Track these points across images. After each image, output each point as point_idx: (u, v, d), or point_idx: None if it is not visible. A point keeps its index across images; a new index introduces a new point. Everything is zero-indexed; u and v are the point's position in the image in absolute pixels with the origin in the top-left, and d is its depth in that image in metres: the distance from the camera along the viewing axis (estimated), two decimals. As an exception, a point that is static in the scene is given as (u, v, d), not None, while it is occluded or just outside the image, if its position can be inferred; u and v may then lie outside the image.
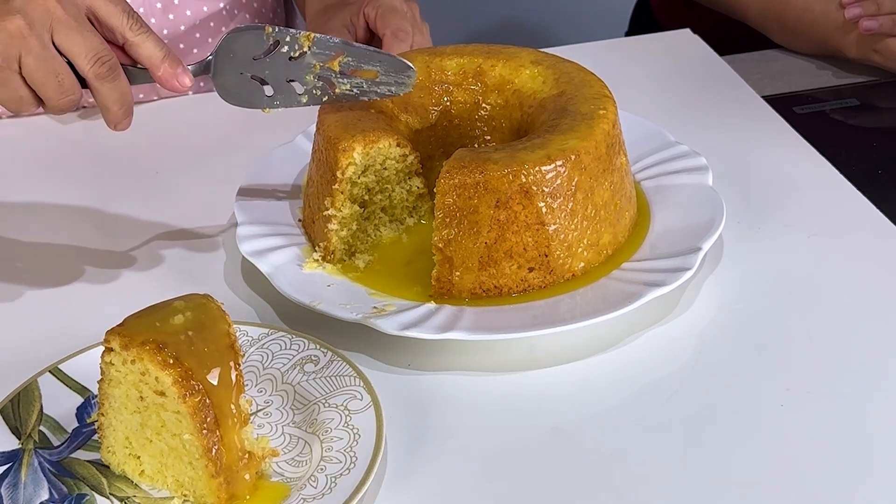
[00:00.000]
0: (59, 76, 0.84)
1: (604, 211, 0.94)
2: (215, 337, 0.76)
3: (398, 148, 0.96)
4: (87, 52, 0.84)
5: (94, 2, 0.86)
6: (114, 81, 0.86)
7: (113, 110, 0.87)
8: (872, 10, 1.26)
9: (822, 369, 0.86)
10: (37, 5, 0.83)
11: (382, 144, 0.95)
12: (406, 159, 0.97)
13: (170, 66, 0.88)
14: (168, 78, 0.88)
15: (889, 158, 1.18)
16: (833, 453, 0.79)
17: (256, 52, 0.93)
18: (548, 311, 0.89)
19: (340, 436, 0.79)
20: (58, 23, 0.83)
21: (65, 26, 0.83)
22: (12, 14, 0.82)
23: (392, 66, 0.95)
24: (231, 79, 0.93)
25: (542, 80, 1.01)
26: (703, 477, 0.78)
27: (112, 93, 0.86)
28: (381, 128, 0.96)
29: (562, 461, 0.80)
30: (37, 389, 0.84)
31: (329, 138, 0.95)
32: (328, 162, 0.95)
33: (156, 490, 0.79)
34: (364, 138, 0.94)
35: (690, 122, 1.18)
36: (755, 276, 0.96)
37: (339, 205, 0.95)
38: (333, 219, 0.95)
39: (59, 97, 0.85)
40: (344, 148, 0.94)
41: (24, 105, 0.86)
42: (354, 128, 0.95)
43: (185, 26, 1.30)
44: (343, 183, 0.94)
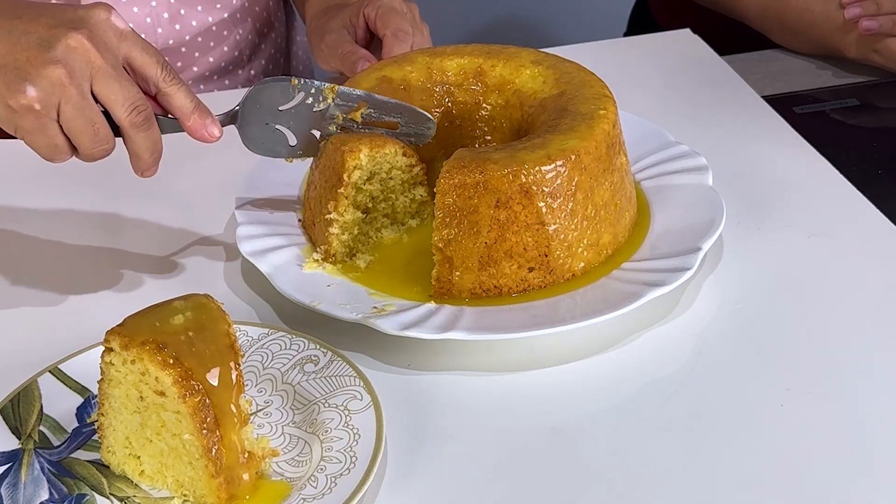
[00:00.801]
0: (94, 125, 0.85)
1: (604, 211, 0.94)
2: (215, 337, 0.76)
3: (404, 157, 0.96)
4: (124, 102, 0.85)
5: (130, 51, 0.87)
6: (148, 130, 0.87)
7: (144, 158, 0.88)
8: (872, 10, 1.26)
9: (822, 369, 0.86)
10: (78, 55, 0.83)
11: (388, 150, 0.95)
12: (412, 170, 0.97)
13: (199, 117, 0.89)
14: (198, 128, 0.89)
15: (889, 158, 1.18)
16: (833, 453, 0.79)
17: (282, 103, 0.94)
18: (548, 311, 0.89)
19: (340, 436, 0.79)
20: (97, 72, 0.84)
21: (104, 75, 0.84)
22: (54, 63, 0.82)
23: (412, 117, 0.97)
24: (256, 129, 0.95)
25: (543, 80, 1.01)
26: (703, 477, 0.78)
27: (145, 142, 0.87)
28: (388, 135, 0.96)
29: (562, 461, 0.80)
30: (37, 389, 0.84)
31: (335, 142, 0.95)
32: (334, 166, 0.95)
33: (156, 490, 0.79)
34: (371, 142, 0.94)
35: (690, 122, 1.18)
36: (755, 276, 0.96)
37: (342, 210, 0.95)
38: (335, 223, 0.95)
39: (93, 146, 0.86)
40: (350, 149, 0.94)
41: (59, 153, 0.86)
42: (362, 137, 0.96)
43: (189, 35, 1.30)
44: (348, 188, 0.94)
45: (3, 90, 0.83)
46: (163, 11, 1.26)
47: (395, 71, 1.04)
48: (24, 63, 0.83)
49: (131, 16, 1.24)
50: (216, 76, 1.36)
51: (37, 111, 0.83)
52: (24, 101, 0.83)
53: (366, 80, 1.03)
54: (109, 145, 0.87)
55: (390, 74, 1.04)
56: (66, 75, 0.83)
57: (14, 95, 0.83)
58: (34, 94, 0.82)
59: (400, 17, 1.17)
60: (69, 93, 0.83)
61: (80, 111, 0.84)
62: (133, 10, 1.24)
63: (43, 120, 0.83)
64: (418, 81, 1.04)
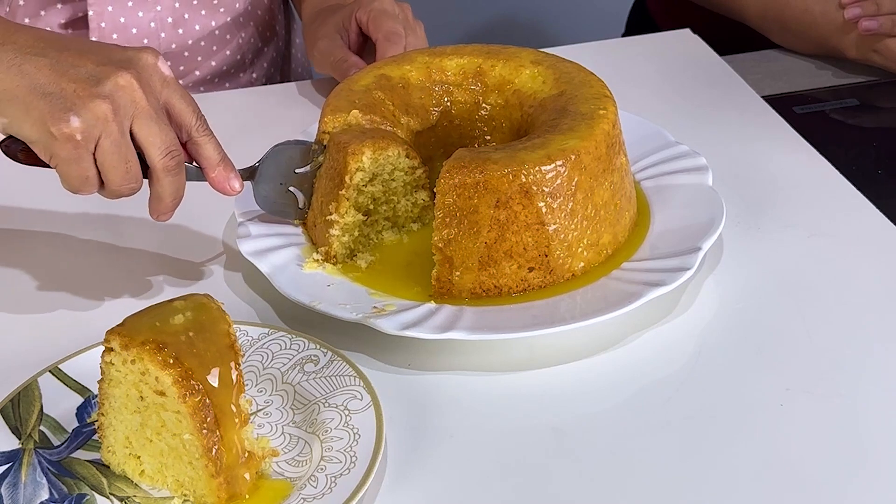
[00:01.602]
0: (128, 163, 0.85)
1: (604, 211, 0.94)
2: (215, 337, 0.76)
3: (407, 159, 0.96)
4: (161, 145, 0.86)
5: (171, 98, 0.88)
6: (177, 176, 0.88)
7: (166, 202, 0.89)
8: (872, 11, 1.26)
9: (822, 369, 0.86)
10: (125, 93, 0.84)
11: (392, 152, 0.95)
12: (415, 172, 0.97)
13: (224, 170, 0.91)
14: (221, 181, 0.91)
15: (889, 158, 1.18)
16: (833, 453, 0.79)
17: (299, 165, 0.97)
18: (548, 311, 0.89)
19: (340, 436, 0.79)
20: (140, 113, 0.85)
21: (146, 117, 0.85)
22: (102, 98, 0.83)
23: None
24: (270, 188, 0.97)
25: (542, 80, 1.01)
26: (703, 477, 0.78)
27: (171, 186, 0.88)
28: (391, 136, 0.96)
29: (562, 461, 0.80)
30: (37, 389, 0.84)
31: (339, 143, 0.95)
32: (336, 167, 0.95)
33: (156, 490, 0.79)
34: (374, 144, 0.94)
35: (690, 122, 1.18)
36: (755, 276, 0.96)
37: (343, 211, 0.95)
38: (336, 224, 0.95)
39: (123, 183, 0.86)
40: (353, 151, 0.94)
41: (88, 185, 0.86)
42: (364, 134, 0.96)
43: (192, 39, 1.30)
44: (350, 189, 0.94)
45: (47, 116, 0.83)
46: (167, 16, 1.26)
47: (394, 70, 1.04)
48: (70, 93, 0.83)
49: (136, 20, 1.24)
50: (217, 79, 1.36)
51: (77, 141, 0.83)
52: (66, 129, 0.83)
53: (364, 78, 1.04)
54: (137, 184, 0.87)
55: (389, 73, 1.04)
56: (111, 111, 0.83)
57: (57, 123, 0.83)
58: (77, 124, 0.83)
59: (392, 19, 1.17)
60: (111, 128, 0.84)
61: (118, 148, 0.84)
62: (138, 15, 1.25)
63: (80, 151, 0.84)
64: (417, 80, 1.04)
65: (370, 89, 1.02)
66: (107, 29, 1.21)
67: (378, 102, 1.01)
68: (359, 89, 1.02)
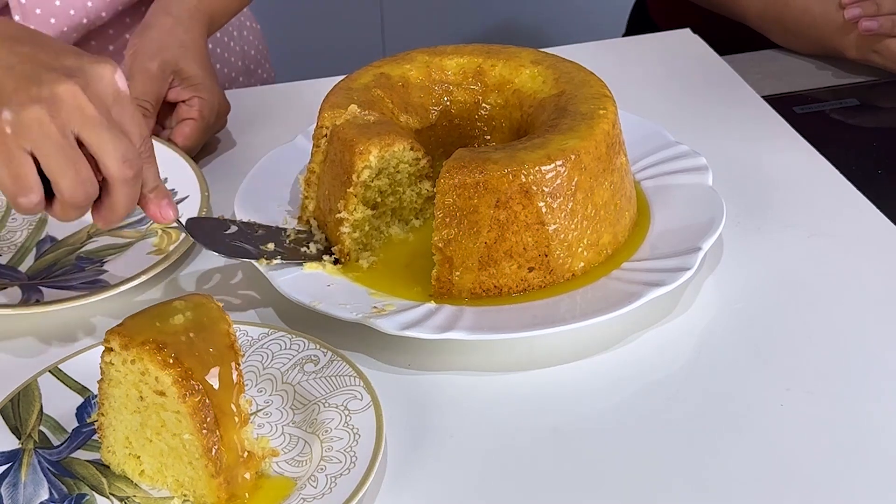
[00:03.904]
0: (76, 165, 0.80)
1: (604, 211, 0.94)
2: (215, 337, 0.76)
3: (412, 152, 0.96)
4: (116, 152, 0.81)
5: (120, 114, 0.83)
6: (135, 186, 0.83)
7: (118, 213, 0.84)
8: (872, 11, 1.26)
9: (822, 369, 0.87)
10: (66, 101, 0.80)
11: (397, 147, 0.95)
12: (419, 163, 0.97)
13: (156, 198, 0.87)
14: (153, 208, 0.87)
15: (889, 158, 1.18)
16: (833, 453, 0.79)
17: (223, 229, 0.95)
18: (548, 311, 0.89)
19: (340, 436, 0.79)
20: (88, 121, 0.80)
21: (95, 124, 0.80)
22: (39, 100, 0.79)
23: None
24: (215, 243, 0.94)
25: (542, 79, 1.01)
26: (704, 477, 0.78)
27: (126, 198, 0.83)
28: (395, 131, 0.96)
29: (562, 461, 0.80)
30: (37, 389, 0.84)
31: (345, 141, 0.95)
32: (343, 164, 0.95)
33: (156, 490, 0.79)
34: (380, 141, 0.94)
35: (690, 122, 1.18)
36: (755, 276, 0.96)
37: (352, 208, 0.95)
38: (346, 222, 0.95)
39: (75, 187, 0.80)
40: (360, 151, 0.94)
41: (24, 190, 0.80)
42: (370, 131, 0.96)
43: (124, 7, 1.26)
44: (357, 186, 0.94)
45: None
46: None
47: (393, 69, 1.04)
48: (10, 91, 0.79)
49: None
50: None
51: (5, 134, 0.78)
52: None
53: (364, 76, 1.04)
54: (93, 189, 0.82)
55: (389, 72, 1.04)
56: (47, 115, 0.79)
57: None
58: (8, 117, 0.79)
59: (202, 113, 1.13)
60: (48, 130, 0.79)
61: (61, 150, 0.80)
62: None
63: (10, 146, 0.79)
64: (417, 79, 1.04)
65: (369, 87, 1.02)
66: (28, 4, 1.17)
67: (377, 100, 1.01)
68: (358, 87, 1.02)
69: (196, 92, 1.13)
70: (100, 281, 0.96)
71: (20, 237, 1.02)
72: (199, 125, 1.12)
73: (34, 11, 1.18)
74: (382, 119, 0.98)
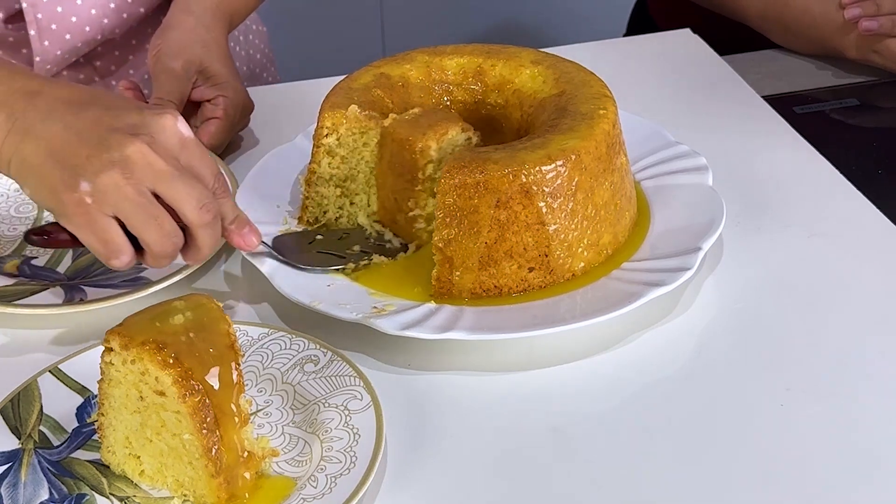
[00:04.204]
0: (158, 219, 0.83)
1: (604, 211, 0.94)
2: (215, 337, 0.76)
3: (463, 133, 0.97)
4: (190, 200, 0.84)
5: (190, 159, 0.86)
6: (215, 228, 0.87)
7: (204, 253, 0.88)
8: (872, 11, 1.26)
9: (822, 369, 0.86)
10: (137, 160, 0.82)
11: (451, 134, 0.95)
12: (471, 142, 0.98)
13: (237, 227, 0.90)
14: (236, 237, 0.90)
15: (889, 158, 1.18)
16: (833, 453, 0.79)
17: (308, 240, 0.99)
18: (548, 311, 0.89)
19: (340, 436, 0.79)
20: (160, 175, 0.83)
21: (167, 177, 0.83)
22: (112, 164, 0.82)
23: None
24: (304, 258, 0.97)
25: (542, 79, 1.01)
26: (703, 477, 0.78)
27: (210, 238, 0.87)
28: (443, 118, 0.97)
29: (562, 461, 0.80)
30: (37, 389, 0.84)
31: (400, 141, 0.95)
32: (404, 164, 0.95)
33: (156, 490, 0.79)
34: (434, 133, 0.95)
35: (690, 122, 1.18)
36: (755, 276, 0.96)
37: (423, 203, 0.96)
38: (420, 218, 0.96)
39: (161, 240, 0.84)
40: (421, 148, 0.94)
41: (116, 251, 0.83)
42: (421, 124, 0.96)
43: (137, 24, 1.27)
44: (425, 182, 0.95)
45: (59, 184, 0.82)
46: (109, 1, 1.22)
47: (393, 69, 1.04)
48: (83, 160, 0.82)
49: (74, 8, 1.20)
50: None
51: (87, 205, 0.82)
52: (76, 195, 0.82)
53: (364, 76, 1.04)
54: (179, 239, 0.85)
55: (389, 72, 1.04)
56: (121, 176, 0.82)
57: (68, 190, 0.82)
58: (87, 188, 0.82)
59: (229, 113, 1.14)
60: (126, 192, 0.82)
61: (140, 208, 0.83)
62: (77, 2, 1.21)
63: (93, 214, 0.82)
64: (417, 79, 1.04)
65: (369, 87, 1.02)
66: (44, 20, 1.18)
67: (377, 100, 1.01)
68: (358, 87, 1.02)
69: (221, 91, 1.14)
70: (141, 279, 0.96)
71: None
72: (224, 124, 1.13)
73: (50, 27, 1.19)
74: (424, 108, 0.99)
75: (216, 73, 1.14)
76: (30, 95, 0.85)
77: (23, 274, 0.98)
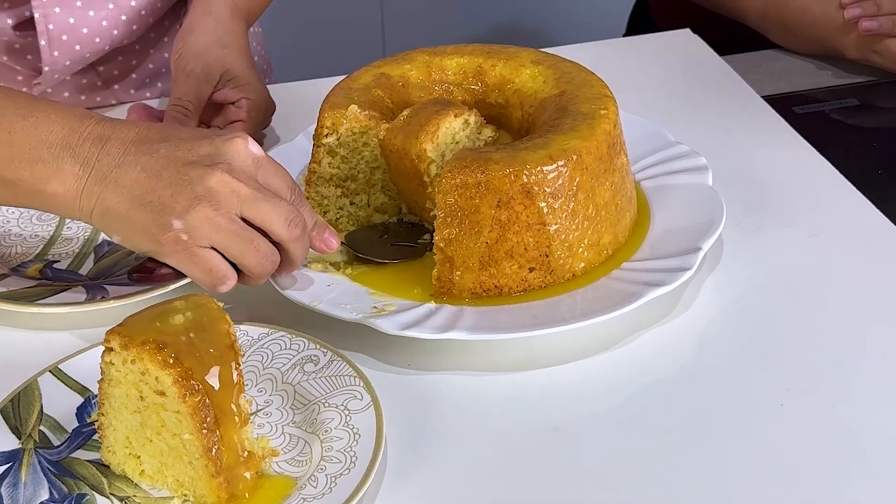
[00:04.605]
0: (253, 243, 0.85)
1: (605, 211, 0.94)
2: (215, 337, 0.76)
3: (455, 119, 0.96)
4: (278, 218, 0.86)
5: (266, 176, 0.87)
6: (305, 239, 0.89)
7: (297, 263, 0.90)
8: (872, 11, 1.26)
9: (822, 369, 0.87)
10: (220, 189, 0.84)
11: (444, 126, 0.95)
12: (469, 123, 0.97)
13: (318, 233, 0.91)
14: (317, 242, 0.91)
15: (889, 158, 1.18)
16: (833, 453, 0.79)
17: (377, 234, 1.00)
18: (548, 311, 0.89)
19: (340, 436, 0.79)
20: (245, 199, 0.85)
21: (252, 200, 0.85)
22: (199, 199, 0.83)
23: None
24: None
25: (543, 79, 1.01)
26: (704, 477, 0.78)
27: (302, 249, 0.89)
28: (431, 112, 0.96)
29: (562, 461, 0.80)
30: (37, 389, 0.84)
31: (397, 151, 0.95)
32: (409, 172, 0.95)
33: (156, 490, 0.79)
34: (426, 134, 0.94)
35: (690, 122, 1.18)
36: (755, 276, 0.96)
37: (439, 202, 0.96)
38: None
39: (260, 262, 0.86)
40: (417, 154, 0.94)
41: (219, 279, 0.86)
42: (411, 128, 0.95)
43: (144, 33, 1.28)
44: (433, 183, 0.95)
45: (152, 227, 0.84)
46: (121, 14, 1.23)
47: (393, 69, 1.04)
48: (168, 199, 0.84)
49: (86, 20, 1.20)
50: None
51: (184, 241, 0.84)
52: (171, 234, 0.84)
53: (364, 76, 1.04)
54: (276, 257, 0.87)
55: (389, 72, 1.04)
56: (211, 209, 0.83)
57: (162, 231, 0.84)
58: (180, 225, 0.83)
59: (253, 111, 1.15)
60: (217, 223, 0.84)
61: (235, 236, 0.85)
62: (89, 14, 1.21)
63: (191, 249, 0.84)
64: (417, 79, 1.04)
65: (369, 87, 1.02)
66: (55, 31, 1.18)
67: (377, 100, 1.01)
68: (358, 87, 1.02)
69: (243, 93, 1.14)
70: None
71: (76, 245, 1.03)
72: (248, 126, 1.14)
73: (61, 38, 1.20)
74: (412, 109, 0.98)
75: (238, 74, 1.15)
76: (100, 141, 0.86)
77: (45, 277, 0.98)
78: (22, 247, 1.02)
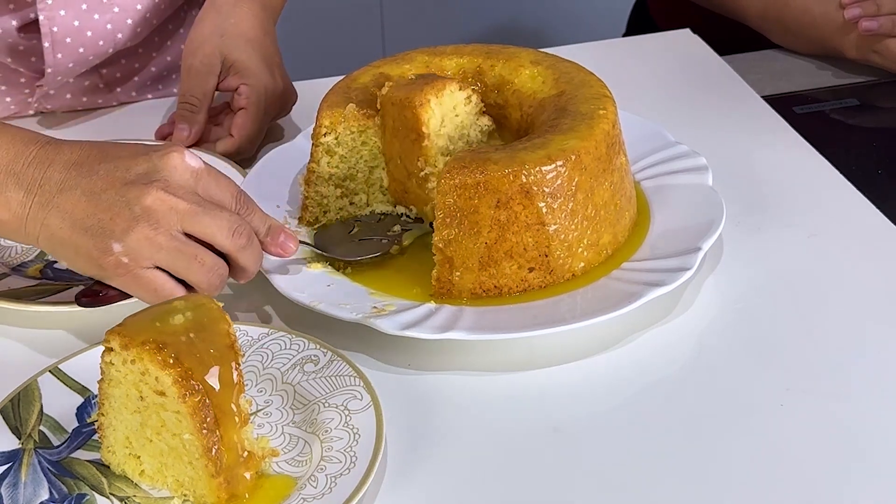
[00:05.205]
0: (198, 258, 0.85)
1: (604, 211, 0.94)
2: (215, 337, 0.76)
3: (461, 91, 0.97)
4: (220, 230, 0.85)
5: (207, 187, 0.87)
6: (253, 247, 0.88)
7: (250, 271, 0.89)
8: (872, 11, 1.26)
9: (822, 369, 0.87)
10: (158, 207, 0.84)
11: (449, 89, 0.96)
12: (471, 100, 0.98)
13: (272, 237, 0.90)
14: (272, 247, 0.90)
15: (889, 158, 1.18)
16: (833, 453, 0.79)
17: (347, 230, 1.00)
18: (548, 311, 0.89)
19: (340, 436, 0.79)
20: (184, 215, 0.84)
21: (192, 215, 0.84)
22: (136, 220, 0.83)
23: None
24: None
25: (542, 80, 1.01)
26: (703, 477, 0.78)
27: (251, 257, 0.88)
28: (439, 77, 0.97)
29: (562, 461, 0.80)
30: (37, 389, 0.84)
31: (399, 102, 0.96)
32: (406, 124, 0.96)
33: (156, 490, 0.79)
34: (431, 89, 0.95)
35: (690, 122, 1.18)
36: (755, 276, 0.96)
37: (433, 161, 0.96)
38: (431, 176, 0.96)
39: (207, 277, 0.85)
40: (420, 103, 0.94)
41: (166, 296, 0.85)
42: (416, 84, 0.96)
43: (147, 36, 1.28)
44: (430, 138, 0.95)
45: (93, 251, 0.84)
46: (126, 18, 1.23)
47: (393, 69, 1.04)
48: (108, 222, 0.84)
49: (91, 23, 1.21)
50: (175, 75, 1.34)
51: (125, 264, 0.84)
52: (111, 258, 0.84)
53: (363, 76, 1.04)
54: (224, 269, 0.87)
55: (389, 72, 1.04)
56: (150, 229, 0.83)
57: (103, 255, 0.84)
58: (120, 248, 0.83)
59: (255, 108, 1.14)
60: (158, 241, 0.84)
61: (177, 252, 0.84)
62: (94, 18, 1.21)
63: (134, 271, 0.84)
64: (418, 80, 1.04)
65: (369, 87, 1.02)
66: (59, 33, 1.19)
67: (376, 100, 1.01)
68: (357, 87, 1.02)
69: (242, 79, 1.14)
70: None
71: None
72: (252, 112, 1.13)
73: (65, 41, 1.20)
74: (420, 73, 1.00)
75: (235, 60, 1.15)
76: (42, 165, 0.86)
77: (45, 277, 0.99)
78: (22, 246, 1.03)
